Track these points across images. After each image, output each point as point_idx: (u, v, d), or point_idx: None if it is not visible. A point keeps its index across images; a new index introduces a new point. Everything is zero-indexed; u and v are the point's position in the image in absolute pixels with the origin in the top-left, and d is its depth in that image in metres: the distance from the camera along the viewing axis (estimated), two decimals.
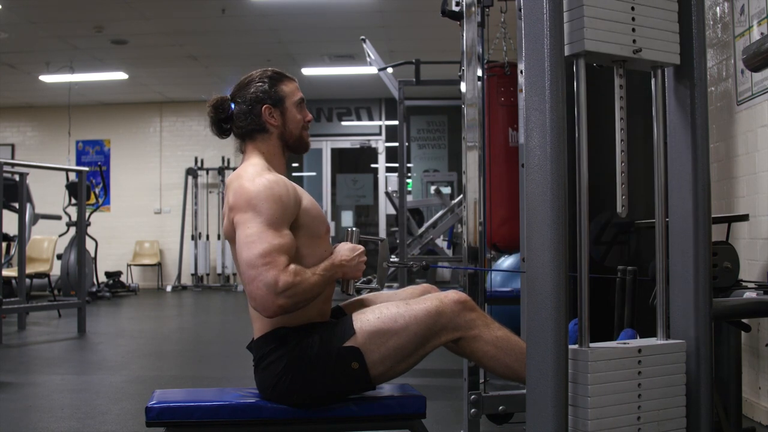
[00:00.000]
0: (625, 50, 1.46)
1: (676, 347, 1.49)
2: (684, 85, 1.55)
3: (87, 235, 7.08)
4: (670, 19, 1.53)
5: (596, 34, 1.41)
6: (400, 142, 5.58)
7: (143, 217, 10.98)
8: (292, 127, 1.96)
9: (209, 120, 1.97)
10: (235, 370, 4.16)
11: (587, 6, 1.40)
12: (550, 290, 1.33)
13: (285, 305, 1.69)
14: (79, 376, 4.23)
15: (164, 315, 7.96)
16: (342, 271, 1.85)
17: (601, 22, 1.42)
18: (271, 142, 1.95)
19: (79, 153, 11.12)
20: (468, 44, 2.28)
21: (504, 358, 1.79)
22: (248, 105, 1.92)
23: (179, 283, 10.68)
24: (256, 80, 1.94)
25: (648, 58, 1.49)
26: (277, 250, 1.70)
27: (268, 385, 1.80)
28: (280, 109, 1.94)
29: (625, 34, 1.46)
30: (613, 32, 1.44)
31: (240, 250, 1.73)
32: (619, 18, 1.45)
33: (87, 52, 8.19)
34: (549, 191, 1.35)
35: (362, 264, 1.88)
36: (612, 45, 1.44)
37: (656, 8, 1.51)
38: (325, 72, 9.30)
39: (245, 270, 1.71)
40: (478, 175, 2.27)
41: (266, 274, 1.67)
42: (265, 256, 1.69)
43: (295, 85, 1.99)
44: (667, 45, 1.52)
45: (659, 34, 1.51)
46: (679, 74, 1.56)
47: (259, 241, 1.71)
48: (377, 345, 1.76)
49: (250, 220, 1.74)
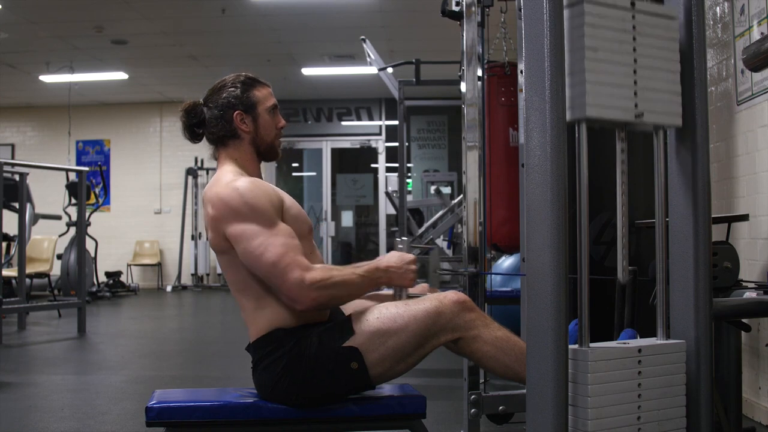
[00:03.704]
0: (627, 115, 1.43)
1: (676, 347, 1.49)
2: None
3: (87, 235, 7.08)
4: (672, 81, 1.50)
5: (598, 99, 1.38)
6: (400, 142, 5.57)
7: (143, 217, 10.98)
8: (264, 134, 1.94)
9: (181, 124, 1.96)
10: (235, 371, 4.16)
11: (589, 71, 1.38)
12: (550, 290, 1.33)
13: (319, 298, 1.71)
14: (79, 376, 4.23)
15: (164, 315, 7.95)
16: (387, 276, 1.84)
17: (603, 88, 1.40)
18: (243, 149, 1.93)
19: (79, 153, 11.13)
20: (468, 44, 2.27)
21: (504, 358, 1.79)
22: (220, 110, 1.91)
23: (179, 283, 10.69)
24: (228, 85, 1.93)
25: (650, 122, 1.47)
26: (290, 249, 1.72)
27: (267, 386, 1.80)
28: (251, 115, 1.92)
29: (627, 98, 1.43)
30: (615, 97, 1.41)
31: (253, 264, 1.73)
32: (621, 82, 1.42)
33: (87, 52, 8.20)
34: (549, 191, 1.35)
35: (411, 272, 1.87)
36: (614, 110, 1.42)
37: (659, 70, 1.48)
38: (325, 72, 9.30)
39: (269, 279, 1.73)
40: (478, 175, 2.27)
41: (291, 275, 1.69)
42: (281, 261, 1.70)
43: (269, 90, 1.97)
44: (669, 107, 1.50)
45: (661, 96, 1.48)
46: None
47: (268, 248, 1.71)
48: (377, 345, 1.76)
49: (247, 229, 1.73)
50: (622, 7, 1.45)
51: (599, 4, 1.41)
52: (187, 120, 1.95)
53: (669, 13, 1.52)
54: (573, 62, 1.39)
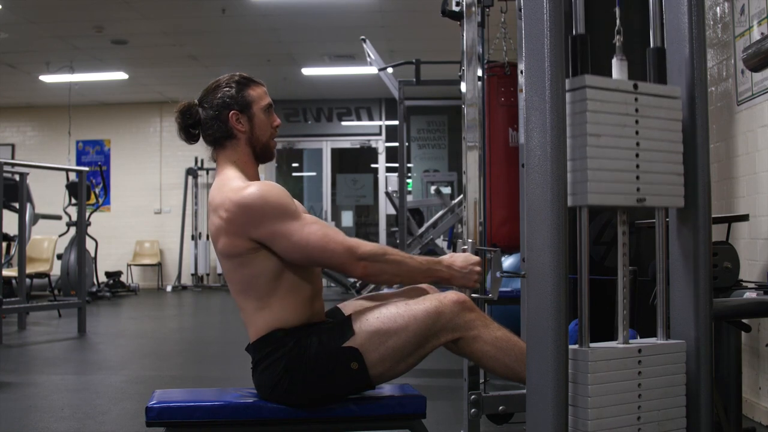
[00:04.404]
0: (629, 200, 1.42)
1: (677, 347, 1.49)
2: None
3: (87, 235, 7.08)
4: (674, 161, 1.49)
5: (600, 187, 1.37)
6: (400, 142, 5.57)
7: (143, 217, 10.98)
8: (259, 134, 1.93)
9: (177, 126, 1.96)
10: (235, 371, 4.16)
11: (591, 158, 1.36)
12: (550, 290, 1.33)
13: (369, 267, 1.76)
14: (79, 376, 4.23)
15: (164, 315, 7.95)
16: (449, 273, 1.86)
17: (605, 174, 1.38)
18: (240, 149, 1.92)
19: (80, 153, 11.13)
20: (468, 44, 2.27)
21: (504, 358, 1.79)
22: (215, 110, 1.91)
23: (179, 283, 10.68)
24: (223, 85, 1.93)
25: (652, 205, 1.47)
26: (329, 229, 1.78)
27: (267, 386, 1.79)
28: (247, 115, 1.91)
29: (630, 183, 1.42)
30: (617, 183, 1.40)
31: (301, 254, 1.76)
32: (623, 167, 1.41)
33: (87, 52, 8.20)
34: (549, 191, 1.35)
35: (475, 274, 1.88)
36: (616, 196, 1.41)
37: (661, 152, 1.46)
38: (325, 72, 9.29)
39: (321, 261, 1.77)
40: (478, 175, 2.27)
41: (341, 248, 1.75)
42: (328, 240, 1.76)
43: (263, 89, 1.97)
44: (672, 189, 1.48)
45: (664, 179, 1.46)
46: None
47: (310, 235, 1.75)
48: (376, 345, 1.76)
49: (282, 227, 1.75)
50: (624, 90, 1.43)
51: (602, 88, 1.40)
52: (182, 121, 1.95)
53: (672, 93, 1.50)
54: (574, 147, 1.38)
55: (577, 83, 1.40)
